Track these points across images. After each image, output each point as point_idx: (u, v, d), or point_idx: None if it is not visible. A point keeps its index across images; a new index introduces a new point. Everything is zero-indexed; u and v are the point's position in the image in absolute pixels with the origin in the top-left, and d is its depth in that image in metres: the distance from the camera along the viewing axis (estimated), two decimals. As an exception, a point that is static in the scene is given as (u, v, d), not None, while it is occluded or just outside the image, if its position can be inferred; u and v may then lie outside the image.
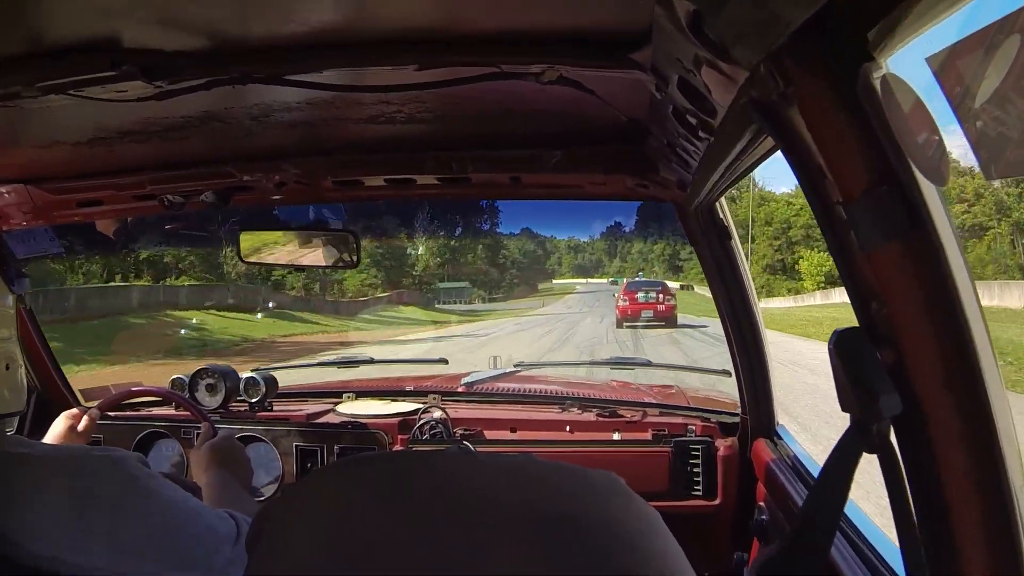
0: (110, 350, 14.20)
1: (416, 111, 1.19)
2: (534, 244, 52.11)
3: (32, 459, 0.79)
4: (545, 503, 0.48)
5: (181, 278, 25.25)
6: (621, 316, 19.88)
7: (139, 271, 23.64)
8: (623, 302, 20.24)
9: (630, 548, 0.46)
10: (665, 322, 19.15)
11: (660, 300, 19.93)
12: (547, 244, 58.20)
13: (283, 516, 0.53)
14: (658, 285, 21.57)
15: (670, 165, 1.28)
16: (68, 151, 1.35)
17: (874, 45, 0.51)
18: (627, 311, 19.82)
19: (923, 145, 0.50)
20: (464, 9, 0.81)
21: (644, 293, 20.30)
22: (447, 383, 2.14)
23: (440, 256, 39.70)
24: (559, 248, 64.05)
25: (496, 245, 44.98)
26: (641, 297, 20.10)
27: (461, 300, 37.81)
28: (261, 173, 1.49)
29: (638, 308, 19.77)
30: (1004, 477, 0.52)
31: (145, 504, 0.80)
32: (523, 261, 51.60)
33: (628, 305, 19.97)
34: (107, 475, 0.80)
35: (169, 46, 0.87)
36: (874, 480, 0.59)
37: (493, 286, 44.32)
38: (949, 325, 0.52)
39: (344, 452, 1.82)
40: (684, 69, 0.76)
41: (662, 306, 19.71)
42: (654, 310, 19.64)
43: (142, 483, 0.82)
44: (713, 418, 1.79)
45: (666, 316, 19.48)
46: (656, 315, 19.44)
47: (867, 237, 0.54)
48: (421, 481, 0.51)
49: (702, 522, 1.68)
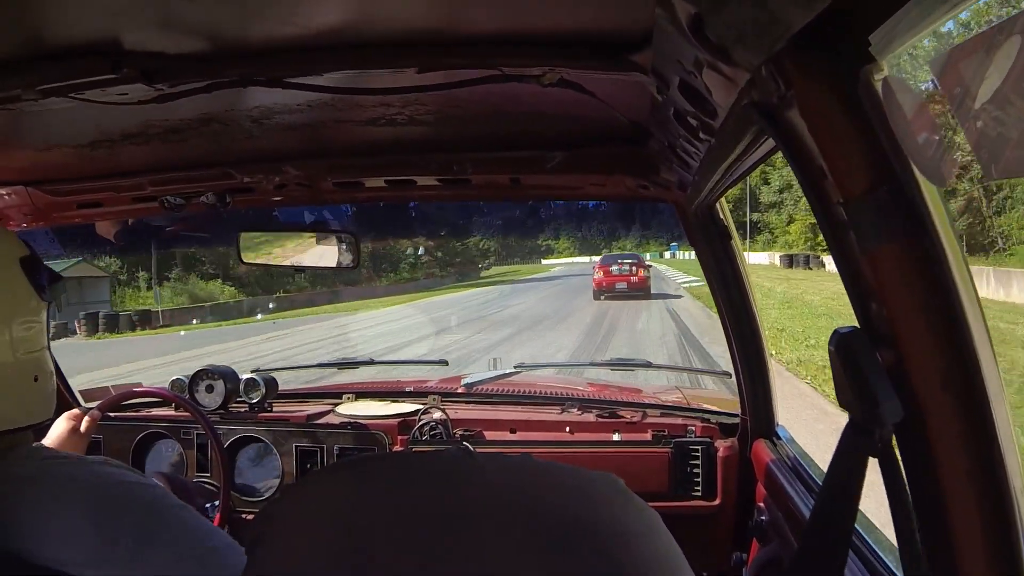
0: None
1: (417, 113, 1.19)
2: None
3: (57, 474, 0.78)
4: (545, 504, 0.48)
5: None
6: (597, 288, 20.90)
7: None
8: (598, 275, 21.23)
9: (629, 548, 0.46)
10: (640, 292, 20.14)
11: (633, 272, 20.96)
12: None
13: (283, 517, 0.53)
14: (632, 257, 22.69)
15: (671, 166, 1.28)
16: (69, 153, 1.35)
17: (875, 47, 0.51)
18: (602, 283, 20.85)
19: (923, 146, 0.50)
20: (465, 11, 0.81)
21: (618, 266, 21.35)
22: (447, 384, 2.14)
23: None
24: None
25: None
26: (615, 269, 21.15)
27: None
28: (262, 175, 1.50)
29: (612, 280, 20.78)
30: (1004, 479, 0.52)
31: (168, 528, 0.79)
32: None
33: (603, 277, 21.01)
34: (133, 498, 0.79)
35: (170, 49, 0.87)
36: (871, 480, 0.60)
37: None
38: (949, 326, 0.52)
39: (344, 453, 1.83)
40: (685, 71, 0.76)
41: (635, 277, 20.75)
42: (627, 281, 20.61)
43: (167, 509, 0.81)
44: (713, 419, 1.80)
45: (640, 287, 20.47)
46: (630, 286, 20.44)
47: (867, 238, 0.54)
48: (421, 482, 0.51)
49: (701, 522, 1.68)
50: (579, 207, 58.18)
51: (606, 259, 23.10)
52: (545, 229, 69.68)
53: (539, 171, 1.44)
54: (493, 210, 48.44)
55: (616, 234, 65.70)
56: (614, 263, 21.80)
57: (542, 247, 72.72)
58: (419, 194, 1.60)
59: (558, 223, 68.51)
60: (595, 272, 21.85)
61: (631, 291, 20.27)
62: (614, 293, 20.32)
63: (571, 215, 64.03)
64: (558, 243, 72.16)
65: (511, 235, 62.82)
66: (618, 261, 22.08)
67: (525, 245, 72.04)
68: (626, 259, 22.30)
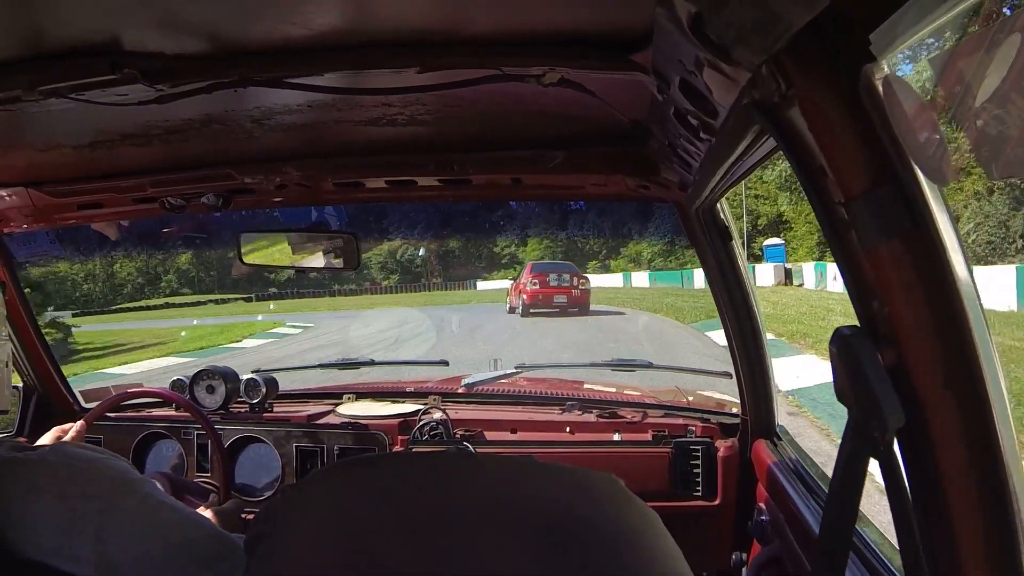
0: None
1: (417, 113, 1.19)
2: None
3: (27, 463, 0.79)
4: (546, 504, 0.48)
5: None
6: (529, 301, 17.42)
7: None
8: (532, 285, 17.64)
9: (630, 548, 0.46)
10: (579, 308, 17.42)
11: (575, 284, 17.91)
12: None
13: (284, 517, 0.53)
14: (569, 267, 19.49)
15: (671, 166, 1.28)
16: (69, 154, 1.35)
17: (875, 46, 0.51)
18: (537, 296, 17.44)
19: (924, 145, 0.50)
20: (465, 11, 0.81)
21: (556, 276, 18.01)
22: (447, 384, 2.14)
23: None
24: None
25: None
26: (553, 281, 17.82)
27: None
28: (262, 175, 1.50)
29: (550, 292, 17.56)
30: (1005, 479, 0.52)
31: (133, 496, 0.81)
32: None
33: (538, 289, 17.53)
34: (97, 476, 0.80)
35: (170, 49, 0.87)
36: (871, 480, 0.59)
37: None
38: (950, 324, 0.52)
39: (344, 453, 1.82)
40: (685, 70, 0.76)
41: (577, 291, 17.73)
42: (568, 295, 17.53)
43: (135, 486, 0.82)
44: (713, 419, 1.79)
45: (580, 302, 17.66)
46: (571, 300, 17.54)
47: (868, 237, 0.54)
48: (422, 482, 0.51)
49: (701, 522, 1.68)
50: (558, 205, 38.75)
51: (540, 267, 19.40)
52: (501, 231, 48.61)
53: (540, 171, 1.44)
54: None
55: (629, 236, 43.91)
56: (550, 272, 18.35)
57: (502, 258, 47.64)
58: (420, 194, 1.60)
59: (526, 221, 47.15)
60: (525, 282, 18.03)
61: (570, 305, 17.35)
62: (550, 308, 17.20)
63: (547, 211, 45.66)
64: (525, 249, 45.95)
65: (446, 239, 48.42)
66: (555, 270, 18.67)
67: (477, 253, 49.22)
68: (565, 269, 18.93)
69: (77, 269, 31.38)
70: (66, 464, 0.79)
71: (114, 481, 0.80)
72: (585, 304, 17.82)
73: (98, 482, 0.79)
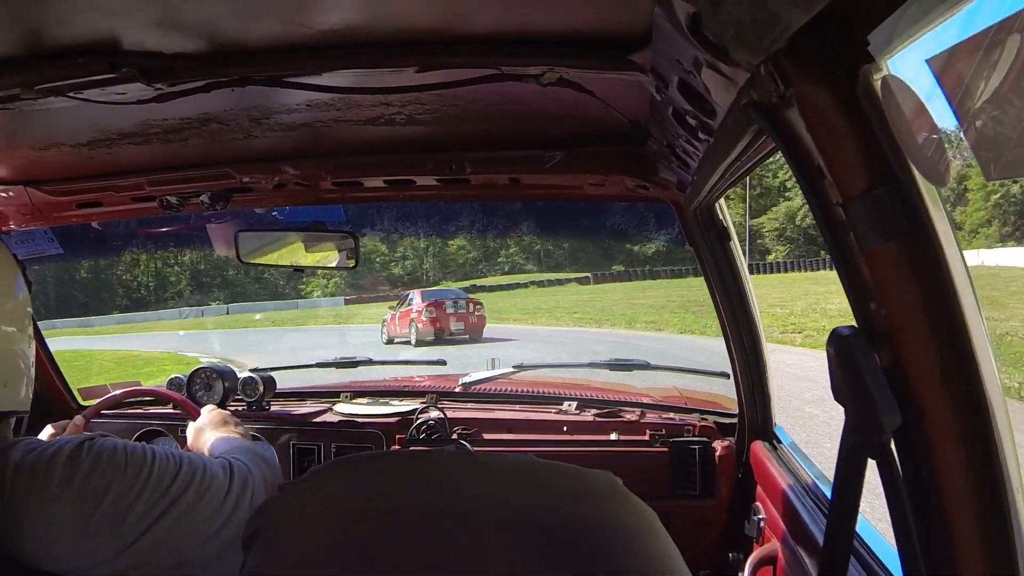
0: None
1: (416, 112, 1.19)
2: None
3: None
4: (543, 503, 0.48)
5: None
6: (425, 328, 17.02)
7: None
8: (429, 313, 17.31)
9: (627, 547, 0.46)
10: (471, 336, 17.04)
11: (472, 311, 17.66)
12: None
13: (281, 515, 0.53)
14: (463, 295, 19.14)
15: (670, 166, 1.28)
16: (67, 152, 1.35)
17: (874, 47, 0.51)
18: (436, 322, 17.09)
19: (922, 146, 0.50)
20: (464, 11, 0.81)
21: (453, 303, 17.76)
22: (445, 383, 2.14)
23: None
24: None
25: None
26: (450, 308, 17.52)
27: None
28: (260, 174, 1.49)
29: (448, 319, 17.23)
30: (1002, 479, 0.52)
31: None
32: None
33: (436, 316, 17.23)
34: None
35: (169, 48, 0.87)
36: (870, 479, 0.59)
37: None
38: (948, 325, 0.52)
39: (341, 451, 1.82)
40: (684, 71, 0.76)
41: (474, 318, 17.50)
42: (466, 322, 17.31)
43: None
44: (711, 419, 1.80)
45: (477, 328, 17.38)
46: (467, 327, 17.26)
47: (866, 238, 0.54)
48: (419, 480, 0.51)
49: (699, 522, 1.68)
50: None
51: (432, 294, 18.93)
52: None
53: (538, 170, 1.44)
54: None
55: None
56: (447, 299, 18.01)
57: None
58: (418, 194, 1.60)
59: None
60: (416, 311, 17.51)
61: (467, 331, 17.01)
62: (449, 337, 16.70)
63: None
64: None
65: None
66: (451, 297, 18.29)
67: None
68: (459, 296, 18.49)
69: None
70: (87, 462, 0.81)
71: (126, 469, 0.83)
72: (480, 330, 17.48)
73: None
